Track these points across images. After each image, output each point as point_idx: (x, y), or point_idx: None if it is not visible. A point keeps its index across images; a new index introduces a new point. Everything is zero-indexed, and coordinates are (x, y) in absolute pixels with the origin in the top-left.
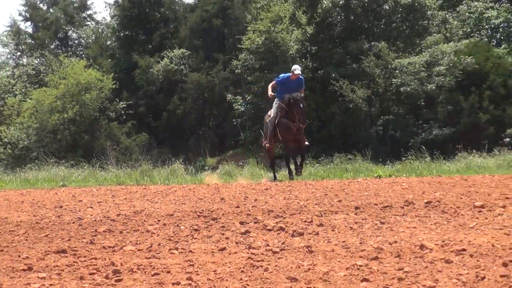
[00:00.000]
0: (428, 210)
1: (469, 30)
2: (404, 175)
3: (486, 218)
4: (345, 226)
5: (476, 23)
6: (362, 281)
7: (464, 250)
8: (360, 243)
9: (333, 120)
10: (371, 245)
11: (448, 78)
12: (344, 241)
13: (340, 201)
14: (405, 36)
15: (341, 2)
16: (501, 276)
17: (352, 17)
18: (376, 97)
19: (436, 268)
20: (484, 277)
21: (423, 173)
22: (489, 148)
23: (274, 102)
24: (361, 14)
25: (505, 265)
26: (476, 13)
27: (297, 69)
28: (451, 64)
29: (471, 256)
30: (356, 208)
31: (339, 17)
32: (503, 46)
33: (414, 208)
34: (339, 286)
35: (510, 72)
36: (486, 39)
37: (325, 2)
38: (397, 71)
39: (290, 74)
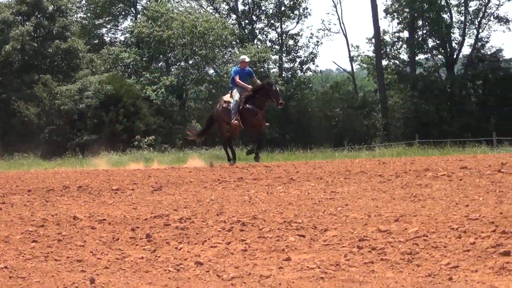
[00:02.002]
0: (80, 192)
1: (108, 66)
2: (64, 167)
3: (120, 198)
4: (21, 204)
5: (114, 62)
6: (32, 242)
7: (104, 219)
8: (31, 215)
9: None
10: (39, 216)
11: (94, 99)
12: (20, 214)
13: (17, 186)
14: (64, 70)
15: (18, 47)
16: (130, 237)
17: (26, 57)
18: (44, 113)
19: (85, 233)
20: (118, 238)
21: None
22: (123, 149)
23: (234, 90)
24: (32, 55)
25: (133, 230)
26: (114, 54)
27: (246, 58)
28: (96, 90)
29: (109, 224)
30: (29, 191)
31: (16, 57)
32: (132, 78)
33: (70, 191)
34: (16, 245)
35: (137, 96)
36: (120, 73)
37: (7, 47)
38: (58, 95)
39: (239, 65)
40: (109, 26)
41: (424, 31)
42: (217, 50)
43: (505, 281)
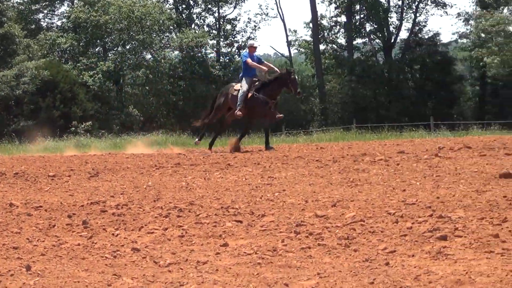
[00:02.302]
0: (16, 179)
1: (45, 52)
2: (0, 154)
3: (57, 184)
4: None
5: (51, 47)
6: None
7: (41, 206)
8: None
9: None
10: None
11: (31, 85)
12: None
13: None
14: (0, 56)
15: None
16: (67, 224)
17: None
18: None
19: (21, 220)
20: (55, 225)
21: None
22: (60, 135)
23: (243, 81)
24: None
25: (69, 216)
26: (50, 40)
27: (255, 43)
28: (33, 76)
29: (46, 210)
30: None
31: None
32: (69, 63)
33: (6, 177)
34: None
35: (74, 81)
36: (57, 59)
37: None
38: None
39: (247, 50)
40: (46, 11)
41: (362, 16)
42: (154, 35)
43: (442, 265)
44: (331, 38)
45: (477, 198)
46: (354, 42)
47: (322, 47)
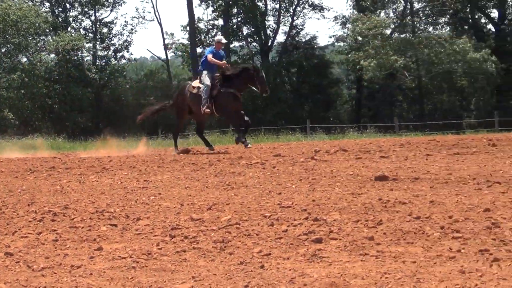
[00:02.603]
0: None
1: None
2: None
3: None
4: None
5: None
6: None
7: None
8: None
9: None
10: None
11: None
12: None
13: None
14: None
15: None
16: None
17: None
18: None
19: None
20: None
21: None
22: None
23: (204, 74)
24: None
25: None
26: None
27: (223, 39)
28: None
29: None
30: None
31: None
32: None
33: None
34: None
35: None
36: None
37: None
38: None
39: (214, 46)
40: None
41: (239, 19)
42: (30, 38)
43: (317, 268)
44: (208, 41)
45: (353, 201)
46: (232, 46)
47: (199, 50)
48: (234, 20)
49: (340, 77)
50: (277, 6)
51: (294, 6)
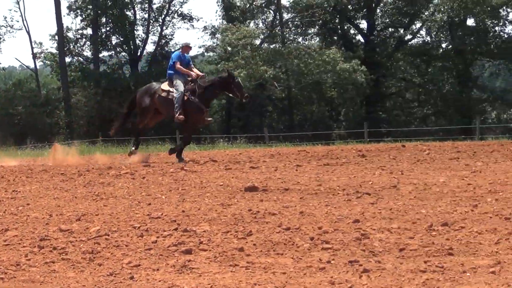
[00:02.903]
0: None
1: None
2: None
3: None
4: None
5: None
6: None
7: None
8: None
9: None
10: None
11: None
12: None
13: None
14: None
15: None
16: None
17: None
18: None
19: None
20: None
21: None
22: None
23: (177, 81)
24: None
25: None
26: None
27: (191, 42)
28: None
29: None
30: None
31: None
32: None
33: None
34: None
35: None
36: None
37: None
38: None
39: (180, 50)
40: None
41: (108, 28)
42: None
43: (187, 279)
44: (77, 50)
45: (222, 211)
46: (101, 55)
47: (68, 59)
48: (103, 30)
49: None
50: (146, 15)
51: (163, 16)
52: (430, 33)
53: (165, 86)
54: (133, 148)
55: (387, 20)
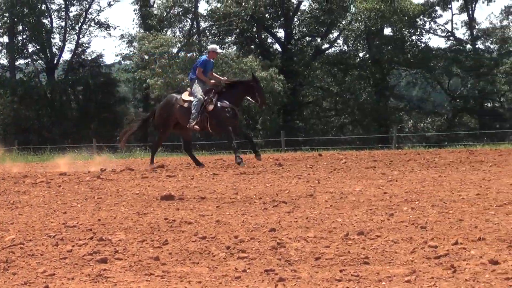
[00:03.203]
0: None
1: None
2: None
3: None
4: None
5: None
6: None
7: None
8: None
9: None
10: None
11: None
12: None
13: None
14: None
15: None
16: None
17: None
18: None
19: None
20: None
21: None
22: None
23: (195, 85)
24: None
25: None
26: None
27: (218, 48)
28: None
29: None
30: None
31: None
32: None
33: None
34: None
35: None
36: None
37: None
38: None
39: (206, 55)
40: None
41: (24, 36)
42: None
43: None
44: None
45: (138, 220)
46: (17, 63)
47: None
48: (20, 38)
49: (127, 96)
50: (63, 24)
51: (80, 24)
52: (347, 42)
53: (185, 96)
54: (151, 166)
55: (305, 29)
